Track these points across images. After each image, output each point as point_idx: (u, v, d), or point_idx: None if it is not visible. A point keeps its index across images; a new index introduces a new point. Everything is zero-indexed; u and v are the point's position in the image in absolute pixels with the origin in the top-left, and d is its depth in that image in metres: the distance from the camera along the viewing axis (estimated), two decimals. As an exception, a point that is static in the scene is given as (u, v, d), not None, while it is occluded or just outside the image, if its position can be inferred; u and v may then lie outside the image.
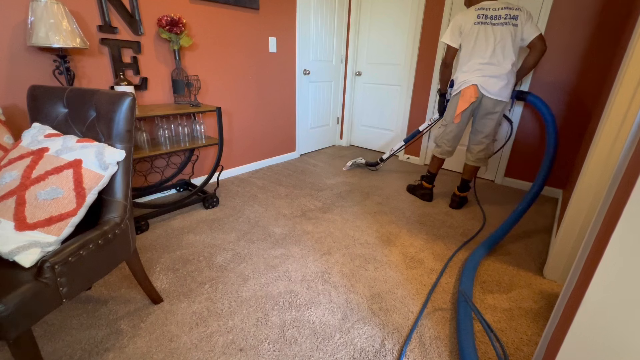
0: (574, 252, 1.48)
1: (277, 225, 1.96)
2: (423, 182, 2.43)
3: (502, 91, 1.89)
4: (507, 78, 1.87)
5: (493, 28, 1.84)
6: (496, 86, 1.88)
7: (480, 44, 1.87)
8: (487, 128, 2.03)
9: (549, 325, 0.87)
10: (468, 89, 1.93)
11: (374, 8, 3.29)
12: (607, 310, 0.59)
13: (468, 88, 1.93)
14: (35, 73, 1.63)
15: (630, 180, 0.56)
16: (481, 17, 1.85)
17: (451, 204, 2.32)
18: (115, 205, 1.07)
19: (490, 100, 1.93)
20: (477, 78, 1.90)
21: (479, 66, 1.89)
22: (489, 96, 1.91)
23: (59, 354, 1.08)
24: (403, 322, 1.27)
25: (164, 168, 2.27)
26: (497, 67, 1.86)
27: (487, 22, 1.84)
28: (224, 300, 1.35)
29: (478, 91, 1.91)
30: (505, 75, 1.87)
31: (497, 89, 1.88)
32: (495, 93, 1.89)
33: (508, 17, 1.81)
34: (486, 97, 1.93)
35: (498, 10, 1.83)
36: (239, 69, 2.55)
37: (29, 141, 1.02)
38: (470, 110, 2.02)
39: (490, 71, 1.87)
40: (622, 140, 1.27)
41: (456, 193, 2.30)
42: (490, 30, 1.84)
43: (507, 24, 1.81)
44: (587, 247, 0.75)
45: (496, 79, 1.87)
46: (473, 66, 1.91)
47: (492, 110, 1.96)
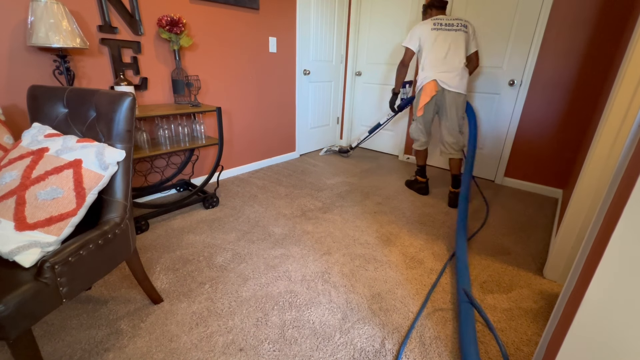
0: (574, 252, 1.48)
1: (277, 225, 1.96)
2: (417, 177, 2.60)
3: (459, 84, 2.17)
4: (460, 73, 2.16)
5: (448, 33, 2.13)
6: (454, 80, 2.15)
7: (438, 46, 2.15)
8: (452, 121, 2.26)
9: (549, 325, 0.87)
10: (428, 84, 2.20)
11: (374, 8, 3.29)
12: (607, 310, 0.59)
13: (428, 83, 2.19)
14: (35, 73, 1.63)
15: (630, 180, 0.56)
16: (437, 25, 2.15)
17: (449, 202, 2.36)
18: (115, 205, 1.07)
19: (450, 94, 2.19)
20: (435, 74, 2.17)
21: (436, 64, 2.16)
22: (449, 89, 2.17)
23: (59, 354, 1.08)
24: (403, 322, 1.27)
25: (164, 168, 2.27)
26: (451, 65, 2.14)
27: (443, 28, 2.14)
28: (224, 300, 1.35)
29: (438, 85, 2.18)
30: (459, 70, 2.15)
31: (455, 82, 2.16)
32: (454, 86, 2.16)
33: (459, 25, 2.13)
34: (447, 91, 2.18)
35: (450, 20, 2.15)
36: (239, 69, 2.55)
37: (29, 141, 1.02)
38: (434, 104, 2.26)
39: (446, 68, 2.15)
40: (622, 140, 1.27)
41: (452, 190, 2.36)
42: (445, 35, 2.14)
43: (459, 30, 2.13)
44: (587, 247, 0.75)
45: (452, 74, 2.15)
46: (431, 65, 2.18)
47: (455, 101, 2.21)
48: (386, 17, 3.22)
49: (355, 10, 3.38)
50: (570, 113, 2.42)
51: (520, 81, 2.57)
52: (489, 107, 2.79)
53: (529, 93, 2.55)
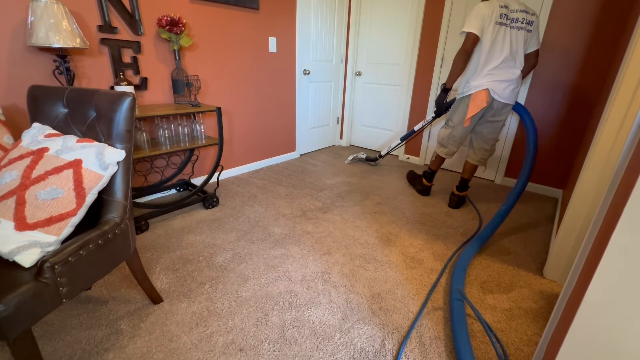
0: (574, 252, 1.48)
1: (277, 225, 1.96)
2: (423, 179, 2.48)
3: (511, 95, 1.90)
4: (516, 82, 1.88)
5: (510, 31, 1.81)
6: (507, 90, 1.88)
7: (497, 46, 1.83)
8: (493, 131, 2.05)
9: (549, 325, 0.87)
10: (479, 94, 1.89)
11: (374, 8, 3.29)
12: (607, 310, 0.59)
13: (479, 92, 1.89)
14: (35, 73, 1.63)
15: (630, 180, 0.56)
16: (503, 17, 1.78)
17: (450, 203, 2.33)
18: (115, 205, 1.07)
19: (499, 104, 1.93)
20: (488, 82, 1.87)
21: (492, 70, 1.86)
22: (499, 100, 1.90)
23: (59, 354, 1.08)
24: (403, 322, 1.27)
25: (164, 168, 2.27)
26: (509, 72, 1.85)
27: (507, 24, 1.80)
28: (224, 300, 1.35)
29: (489, 95, 1.89)
30: (516, 79, 1.88)
31: (508, 93, 1.88)
32: (505, 97, 1.89)
33: (525, 22, 1.79)
34: (496, 101, 1.92)
35: (517, 13, 1.79)
36: (239, 69, 2.55)
37: (29, 141, 1.02)
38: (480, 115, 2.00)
39: (502, 75, 1.85)
40: (622, 140, 1.27)
41: (455, 192, 2.31)
42: (507, 33, 1.81)
43: (522, 28, 1.80)
44: (587, 247, 0.75)
45: (507, 83, 1.86)
46: (486, 69, 1.87)
47: (500, 113, 1.97)
48: (386, 17, 3.22)
49: (355, 10, 3.38)
50: (570, 113, 2.42)
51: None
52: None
53: (529, 93, 2.55)
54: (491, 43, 1.82)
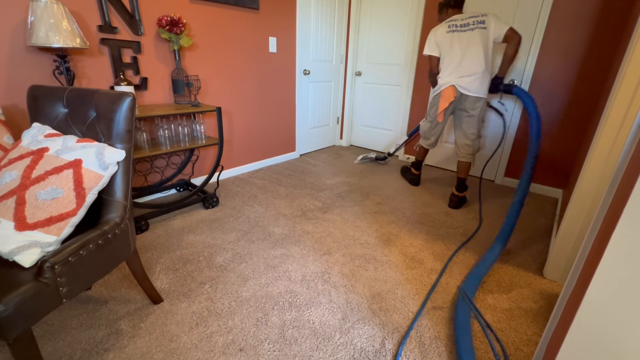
0: (574, 252, 1.48)
1: (277, 225, 1.96)
2: (412, 168, 2.71)
3: (478, 88, 2.08)
4: (481, 76, 2.06)
5: (463, 34, 2.06)
6: (472, 84, 2.07)
7: (454, 49, 2.08)
8: (472, 125, 2.19)
9: (549, 325, 0.87)
10: (447, 90, 2.13)
11: (374, 8, 3.29)
12: (607, 310, 0.59)
13: (447, 89, 2.13)
14: (35, 73, 1.63)
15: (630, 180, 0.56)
16: (452, 27, 2.10)
17: (450, 203, 2.35)
18: (115, 205, 1.07)
19: (469, 98, 2.11)
20: (454, 79, 2.10)
21: (454, 69, 2.10)
22: (468, 94, 2.10)
23: (59, 354, 1.08)
24: (403, 322, 1.27)
25: (164, 168, 2.27)
26: (470, 68, 2.06)
27: (458, 30, 2.07)
28: (224, 300, 1.35)
29: (456, 91, 2.11)
30: (480, 73, 2.05)
31: (474, 86, 2.08)
32: (472, 91, 2.09)
33: (475, 23, 2.03)
34: (465, 95, 2.12)
35: (465, 20, 2.07)
36: (239, 69, 2.55)
37: (29, 141, 1.02)
38: (452, 108, 2.21)
39: (465, 72, 2.07)
40: (622, 140, 1.27)
41: (454, 193, 2.33)
42: (460, 37, 2.06)
43: (475, 28, 2.03)
44: (587, 247, 0.75)
45: (471, 78, 2.06)
46: (449, 69, 2.12)
47: (473, 107, 2.13)
48: (386, 17, 3.22)
49: (355, 10, 3.38)
50: (570, 113, 2.42)
51: (520, 81, 2.57)
52: (489, 107, 2.78)
53: (529, 92, 2.55)
54: (448, 47, 2.11)
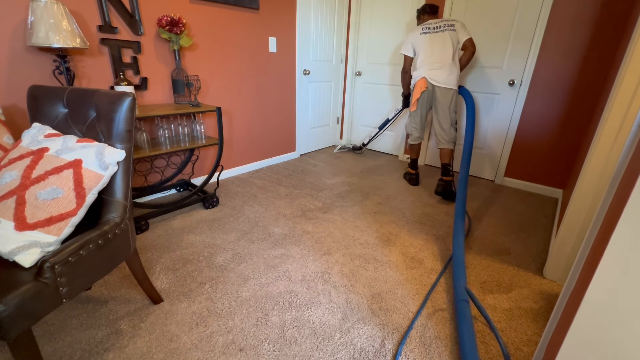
0: (574, 252, 1.48)
1: (277, 225, 1.96)
2: (409, 169, 2.83)
3: (448, 79, 2.33)
4: (449, 69, 2.31)
5: (435, 35, 2.32)
6: (442, 76, 2.32)
7: (427, 47, 2.35)
8: (443, 114, 2.40)
9: (549, 325, 0.87)
10: (419, 82, 2.41)
11: (374, 8, 3.29)
12: (607, 310, 0.59)
13: (419, 81, 2.41)
14: (35, 73, 1.63)
15: (630, 180, 0.56)
16: (425, 29, 2.37)
17: (436, 188, 2.45)
18: (115, 205, 1.07)
19: (440, 89, 2.36)
20: (425, 72, 2.37)
21: (426, 63, 2.36)
22: (438, 85, 2.35)
23: (59, 354, 1.08)
24: (403, 322, 1.27)
25: (164, 168, 2.27)
26: (440, 62, 2.32)
27: (430, 31, 2.34)
28: (224, 300, 1.35)
29: (427, 82, 2.37)
30: (448, 66, 2.31)
31: (443, 78, 2.33)
32: (442, 81, 2.33)
33: (446, 26, 2.30)
34: (436, 87, 2.36)
35: (438, 23, 2.34)
36: (239, 69, 2.55)
37: (29, 141, 1.02)
38: (426, 100, 2.44)
39: (435, 65, 2.33)
40: (622, 140, 1.27)
41: (441, 177, 2.46)
42: (432, 37, 2.33)
43: (446, 30, 2.30)
44: (587, 247, 0.75)
45: (440, 71, 2.32)
46: (422, 65, 2.39)
47: (444, 96, 2.36)
48: (386, 16, 3.22)
49: (355, 10, 3.38)
50: (570, 113, 2.42)
51: (520, 81, 2.57)
52: (489, 107, 2.79)
53: (529, 93, 2.55)
54: (422, 46, 2.37)
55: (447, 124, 2.41)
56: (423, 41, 2.36)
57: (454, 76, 2.33)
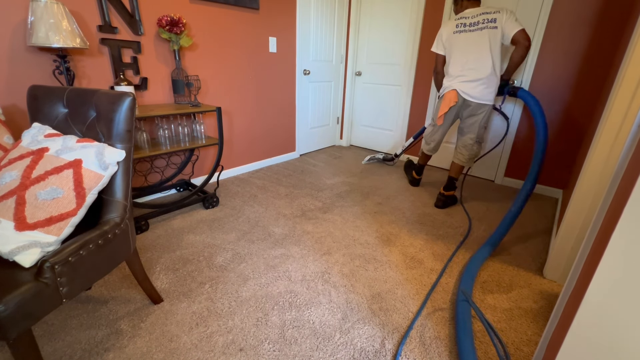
0: (574, 252, 1.48)
1: (277, 225, 1.96)
2: (414, 172, 2.69)
3: (483, 94, 1.99)
4: (487, 81, 1.96)
5: (471, 34, 1.95)
6: (476, 90, 1.99)
7: (460, 51, 2.00)
8: (470, 129, 2.13)
9: (549, 325, 0.87)
10: (448, 94, 2.07)
11: (374, 8, 3.29)
12: (607, 310, 0.59)
13: (449, 92, 2.07)
14: (35, 73, 1.63)
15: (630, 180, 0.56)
16: (460, 27, 1.99)
17: (436, 202, 2.31)
18: (115, 205, 1.07)
19: (472, 104, 2.05)
20: (457, 84, 2.04)
21: (459, 72, 2.02)
22: (471, 100, 2.03)
23: (59, 354, 1.08)
24: (403, 322, 1.27)
25: (164, 168, 2.27)
26: (476, 72, 1.96)
27: (466, 30, 1.97)
28: (224, 300, 1.35)
29: (458, 95, 2.05)
30: (485, 78, 1.96)
31: (477, 92, 1.99)
32: (476, 97, 2.01)
33: (486, 22, 1.90)
34: (468, 101, 2.04)
35: (476, 17, 1.94)
36: (239, 69, 2.55)
37: (29, 141, 1.02)
38: (455, 113, 2.16)
39: (470, 76, 1.98)
40: (622, 140, 1.27)
41: (441, 192, 2.31)
42: (468, 37, 1.96)
43: (485, 28, 1.91)
44: (587, 247, 0.75)
45: (475, 83, 1.98)
46: (454, 72, 2.05)
47: (476, 112, 2.07)
48: (386, 16, 3.22)
49: (355, 10, 3.38)
50: (570, 113, 2.42)
51: (520, 81, 2.57)
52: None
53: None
54: (455, 48, 2.03)
55: (472, 140, 2.13)
56: (456, 42, 2.00)
57: (492, 90, 1.98)
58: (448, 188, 2.29)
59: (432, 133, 2.33)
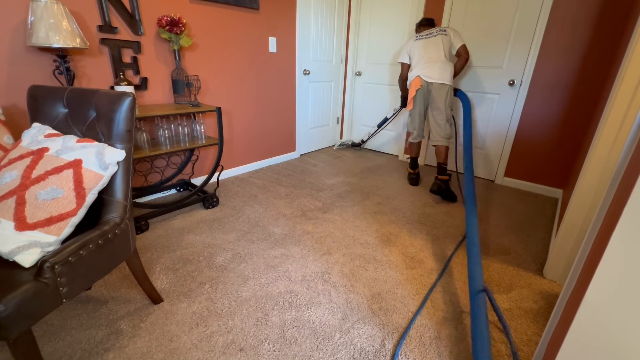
0: (574, 252, 1.48)
1: (277, 225, 1.96)
2: (409, 169, 2.84)
3: (441, 75, 2.38)
4: (442, 65, 2.38)
5: (427, 39, 2.45)
6: (435, 72, 2.38)
7: (420, 49, 2.47)
8: (438, 110, 2.44)
9: (549, 325, 0.87)
10: (414, 80, 2.48)
11: (374, 8, 3.29)
12: (607, 310, 0.59)
13: (414, 79, 2.48)
14: (35, 73, 1.63)
15: (630, 180, 0.56)
16: (418, 36, 2.51)
17: (432, 187, 2.45)
18: (115, 205, 1.07)
19: (434, 85, 2.41)
20: (419, 71, 2.45)
21: (420, 63, 2.46)
22: (432, 81, 2.40)
23: (59, 354, 1.08)
24: (403, 322, 1.27)
25: (164, 168, 2.27)
26: (433, 60, 2.40)
27: (424, 37, 2.48)
28: (224, 300, 1.35)
29: (422, 80, 2.44)
30: (441, 63, 2.38)
31: (437, 74, 2.38)
32: (436, 77, 2.39)
33: (439, 31, 2.42)
34: (431, 83, 2.42)
35: (431, 30, 2.47)
36: (239, 69, 2.55)
37: (29, 141, 1.02)
38: (422, 97, 2.49)
39: (428, 63, 2.42)
40: (622, 140, 1.27)
41: (436, 177, 2.46)
42: (426, 41, 2.46)
43: (438, 34, 2.42)
44: (587, 247, 0.75)
45: (433, 66, 2.39)
46: (417, 65, 2.49)
47: (439, 92, 2.41)
48: (386, 16, 3.22)
49: (355, 10, 3.38)
50: (570, 113, 2.42)
51: (520, 81, 2.57)
52: (489, 107, 2.79)
53: (529, 93, 2.55)
54: (416, 53, 2.50)
55: (442, 119, 2.44)
56: (417, 46, 2.49)
57: (448, 72, 2.38)
58: (441, 172, 2.45)
59: (410, 120, 2.64)
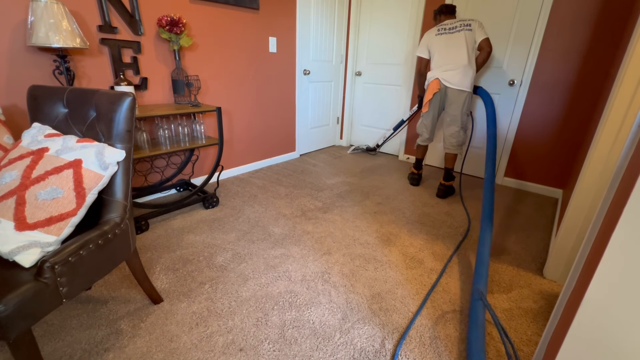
0: (574, 252, 1.48)
1: (277, 225, 1.96)
2: (412, 168, 2.78)
3: (461, 81, 2.25)
4: (463, 71, 2.23)
5: (451, 35, 2.27)
6: (455, 78, 2.26)
7: (442, 48, 2.30)
8: (454, 117, 2.33)
9: (549, 325, 0.87)
10: (432, 83, 2.35)
11: (374, 8, 3.29)
12: (607, 310, 0.59)
13: (432, 82, 2.35)
14: (35, 73, 1.63)
15: (630, 180, 0.56)
16: (441, 30, 2.32)
17: (437, 192, 2.49)
18: (115, 205, 1.07)
19: (453, 90, 2.29)
20: (439, 73, 2.31)
21: (441, 64, 2.31)
22: (451, 86, 2.28)
23: (59, 354, 1.08)
24: (403, 322, 1.27)
25: (164, 168, 2.27)
26: (454, 63, 2.25)
27: (446, 32, 2.29)
28: (224, 300, 1.35)
29: (440, 83, 2.32)
30: (462, 68, 2.23)
31: (457, 80, 2.25)
32: (455, 83, 2.26)
33: (463, 26, 2.24)
34: (449, 88, 2.29)
35: (454, 24, 2.28)
36: (239, 69, 2.55)
37: (29, 141, 1.02)
38: (439, 101, 2.38)
39: (449, 67, 2.27)
40: (622, 140, 1.27)
41: (441, 182, 2.47)
42: (448, 37, 2.28)
43: (462, 30, 2.24)
44: (587, 247, 0.75)
45: (454, 72, 2.25)
46: (436, 65, 2.34)
47: (457, 98, 2.29)
48: (386, 16, 3.22)
49: (355, 10, 3.38)
50: (570, 113, 2.42)
51: (520, 81, 2.57)
52: (489, 107, 2.78)
53: (529, 93, 2.55)
54: (438, 48, 2.32)
55: (456, 127, 2.33)
56: (438, 42, 2.31)
57: (469, 78, 2.25)
58: (447, 178, 2.45)
59: (422, 123, 2.53)
